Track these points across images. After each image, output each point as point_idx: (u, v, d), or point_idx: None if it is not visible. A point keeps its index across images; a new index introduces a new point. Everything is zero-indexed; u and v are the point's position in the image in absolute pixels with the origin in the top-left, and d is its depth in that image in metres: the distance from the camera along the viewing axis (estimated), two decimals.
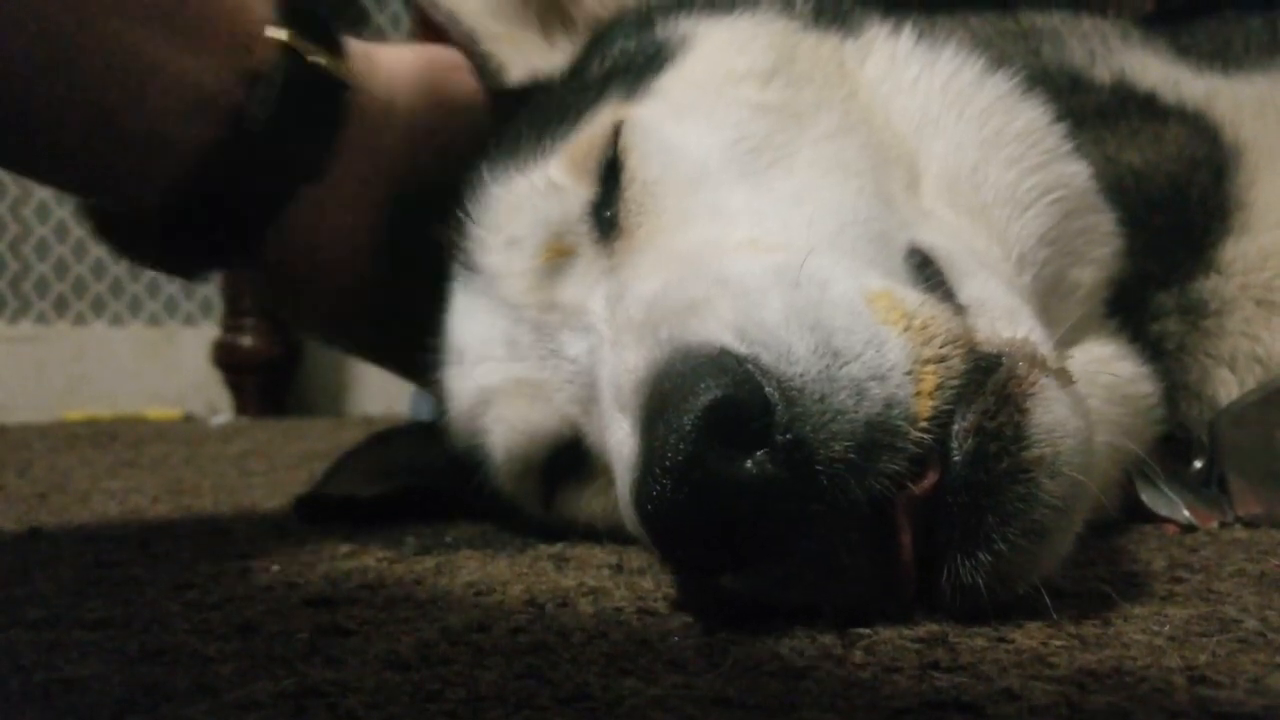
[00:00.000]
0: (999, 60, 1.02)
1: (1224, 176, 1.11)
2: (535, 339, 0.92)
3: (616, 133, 0.93)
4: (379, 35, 3.80)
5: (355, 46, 1.07)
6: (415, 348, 1.16)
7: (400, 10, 3.84)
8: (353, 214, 1.08)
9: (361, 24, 3.81)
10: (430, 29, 1.21)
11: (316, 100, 1.01)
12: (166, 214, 0.98)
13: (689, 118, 0.93)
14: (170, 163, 0.96)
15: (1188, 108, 1.16)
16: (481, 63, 1.17)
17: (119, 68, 0.91)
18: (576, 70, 1.10)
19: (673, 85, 0.97)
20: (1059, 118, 1.00)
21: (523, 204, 0.95)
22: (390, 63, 1.11)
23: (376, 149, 1.07)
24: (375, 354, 1.32)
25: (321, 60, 1.01)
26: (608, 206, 0.91)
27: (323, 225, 1.06)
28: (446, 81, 1.14)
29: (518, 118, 1.08)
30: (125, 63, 0.91)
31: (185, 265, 1.10)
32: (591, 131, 0.95)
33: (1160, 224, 1.08)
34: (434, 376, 1.02)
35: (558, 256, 0.92)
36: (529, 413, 0.93)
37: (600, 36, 1.12)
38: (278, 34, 0.98)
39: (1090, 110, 1.13)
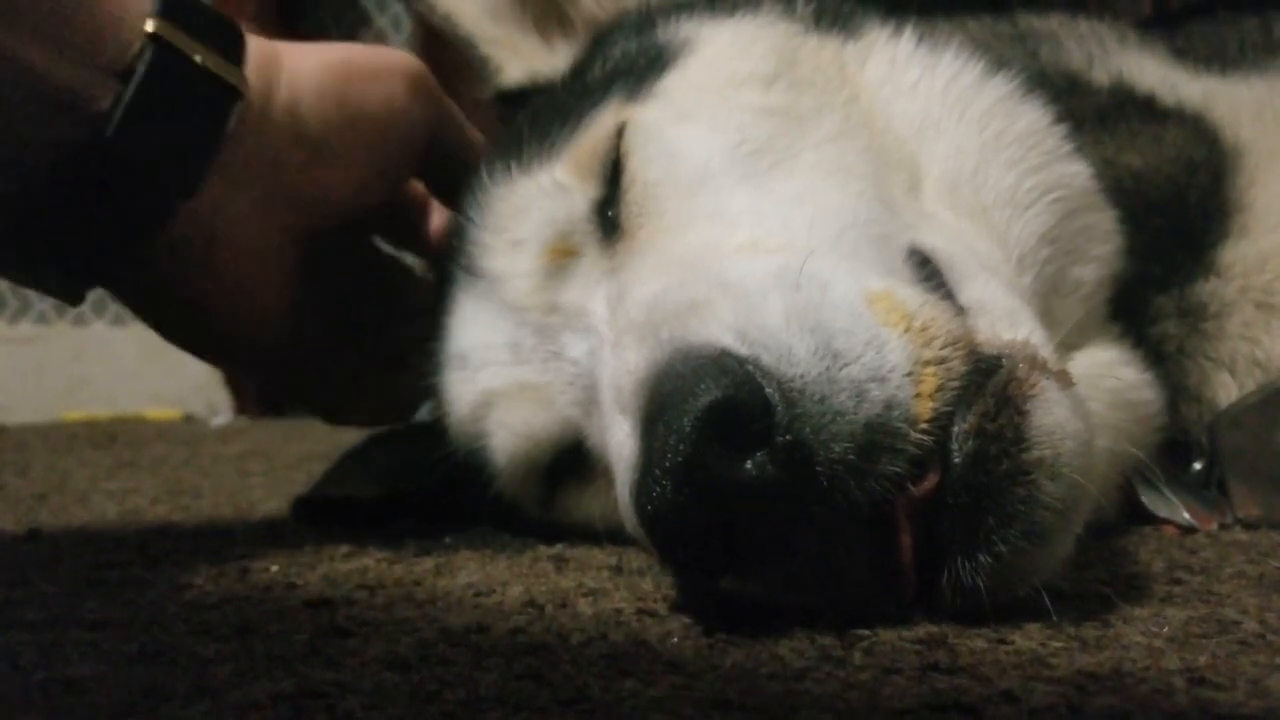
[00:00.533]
0: (998, 63, 1.03)
1: (1223, 179, 1.11)
2: (538, 342, 0.92)
3: (620, 134, 0.93)
4: (380, 38, 3.80)
5: (258, 47, 0.98)
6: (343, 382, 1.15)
7: (401, 13, 3.84)
8: (254, 234, 0.99)
9: (363, 26, 3.81)
10: (432, 31, 1.21)
11: (194, 104, 0.91)
12: (25, 219, 0.89)
13: (691, 121, 0.93)
14: (27, 164, 0.86)
15: (1186, 110, 1.16)
16: (480, 66, 1.17)
17: None
18: (578, 72, 1.10)
19: (675, 88, 0.97)
20: (1059, 120, 1.00)
21: (528, 205, 0.95)
22: (297, 67, 1.00)
23: (277, 163, 0.98)
24: (290, 387, 1.25)
25: (199, 58, 0.91)
26: (611, 207, 0.91)
27: (217, 245, 0.97)
28: (360, 91, 1.03)
29: (518, 120, 1.08)
30: None
31: (53, 280, 0.98)
32: (595, 133, 0.95)
33: (1160, 226, 1.08)
34: (433, 378, 1.02)
35: (562, 256, 0.92)
36: (532, 417, 0.93)
37: (601, 38, 1.12)
38: (151, 27, 0.88)
39: (1089, 113, 1.13)
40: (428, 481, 1.13)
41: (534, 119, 1.04)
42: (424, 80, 1.09)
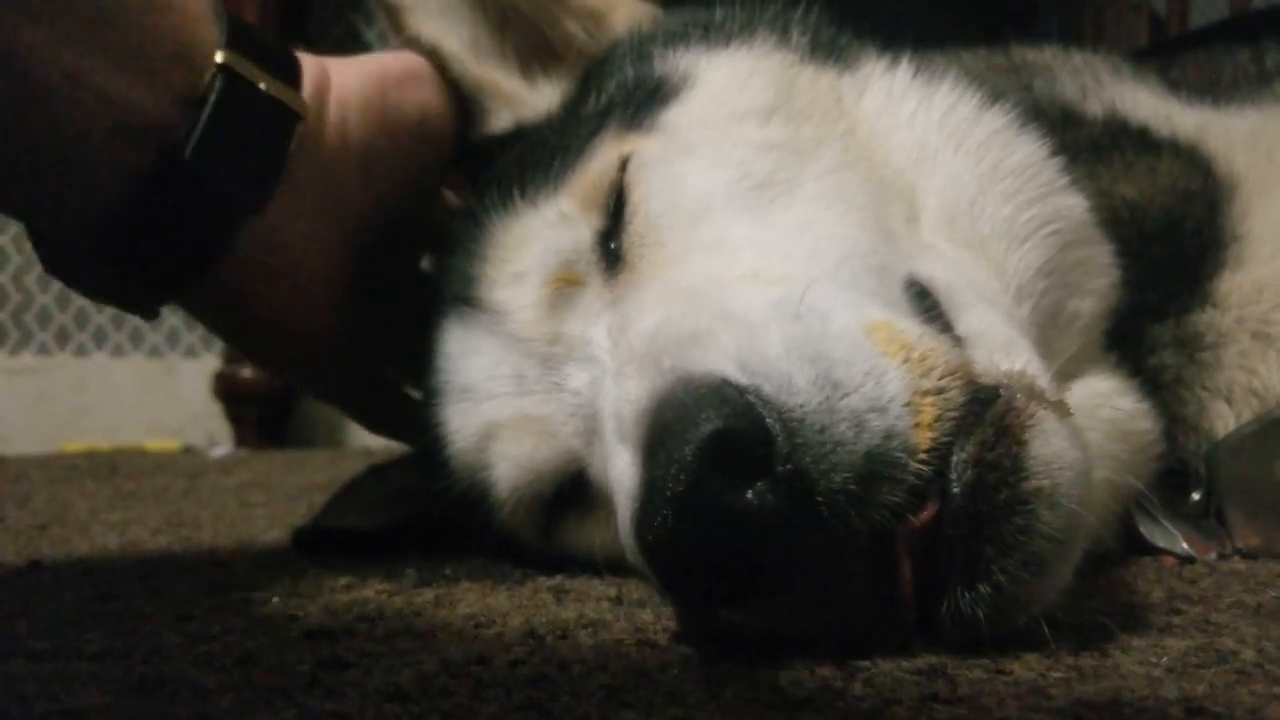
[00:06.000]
0: (994, 95, 1.03)
1: (1218, 209, 1.11)
2: (541, 373, 0.92)
3: (623, 166, 0.93)
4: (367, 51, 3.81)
5: (310, 68, 1.03)
6: (384, 391, 1.16)
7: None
8: (314, 249, 1.05)
9: (353, 41, 3.82)
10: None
11: (260, 128, 0.97)
12: (103, 242, 0.93)
13: (694, 154, 0.94)
14: (104, 189, 0.91)
15: (1180, 141, 1.17)
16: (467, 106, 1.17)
17: (41, 84, 0.85)
18: (573, 103, 1.10)
19: (678, 121, 0.98)
20: (1055, 152, 1.01)
21: (531, 236, 0.95)
22: (342, 83, 1.06)
23: (331, 180, 1.04)
24: (343, 398, 1.30)
25: (264, 85, 0.96)
26: (614, 238, 0.91)
27: (281, 260, 1.02)
28: (398, 99, 1.10)
29: (510, 155, 1.08)
30: (47, 79, 0.85)
31: (129, 297, 1.03)
32: (598, 165, 0.95)
33: (1155, 256, 1.08)
34: (433, 412, 1.02)
35: (566, 286, 0.92)
36: (534, 449, 0.93)
37: (594, 70, 1.12)
38: (221, 57, 0.93)
39: (1084, 144, 1.13)
40: (428, 512, 1.13)
41: (530, 151, 1.04)
42: (436, 77, 1.15)
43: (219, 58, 0.93)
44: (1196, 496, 1.05)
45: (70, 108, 0.86)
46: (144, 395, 3.68)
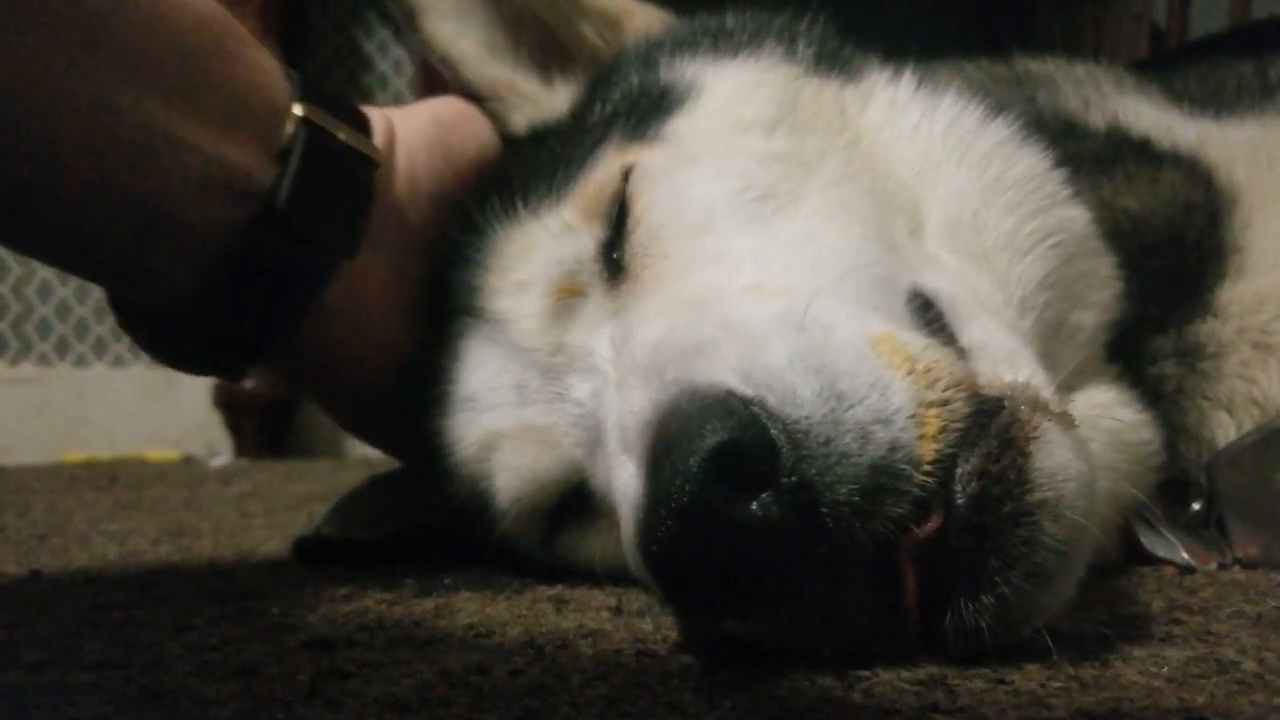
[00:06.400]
0: (997, 107, 1.03)
1: (1219, 221, 1.12)
2: (543, 383, 0.92)
3: (626, 177, 0.93)
4: (382, 82, 3.83)
5: (376, 119, 1.06)
6: None
7: (404, 57, 3.87)
8: (392, 292, 1.05)
9: (365, 70, 3.84)
10: (434, 75, 1.22)
11: (343, 177, 0.99)
12: (200, 299, 0.94)
13: (697, 166, 0.94)
14: (201, 244, 0.92)
15: (1181, 153, 1.17)
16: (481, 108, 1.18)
17: (140, 145, 0.86)
18: (579, 111, 1.10)
19: (682, 132, 0.98)
20: (1058, 164, 1.01)
21: (535, 246, 0.96)
22: (406, 132, 1.08)
23: (405, 223, 1.05)
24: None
25: (343, 135, 0.98)
26: (617, 249, 0.92)
27: (362, 306, 1.02)
28: (458, 138, 1.11)
29: (516, 161, 1.08)
30: (146, 140, 0.87)
31: (221, 357, 1.03)
32: (602, 175, 0.96)
33: (1157, 268, 1.08)
34: (436, 421, 1.02)
35: (569, 296, 0.93)
36: (536, 459, 0.93)
37: (601, 77, 1.12)
38: (301, 111, 0.96)
39: (1086, 156, 1.14)
40: (428, 522, 1.13)
41: (534, 159, 1.04)
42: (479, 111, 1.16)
43: (298, 111, 0.96)
44: (1197, 506, 1.05)
45: (170, 168, 0.88)
46: (144, 405, 3.68)
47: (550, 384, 0.91)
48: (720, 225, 0.89)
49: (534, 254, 0.95)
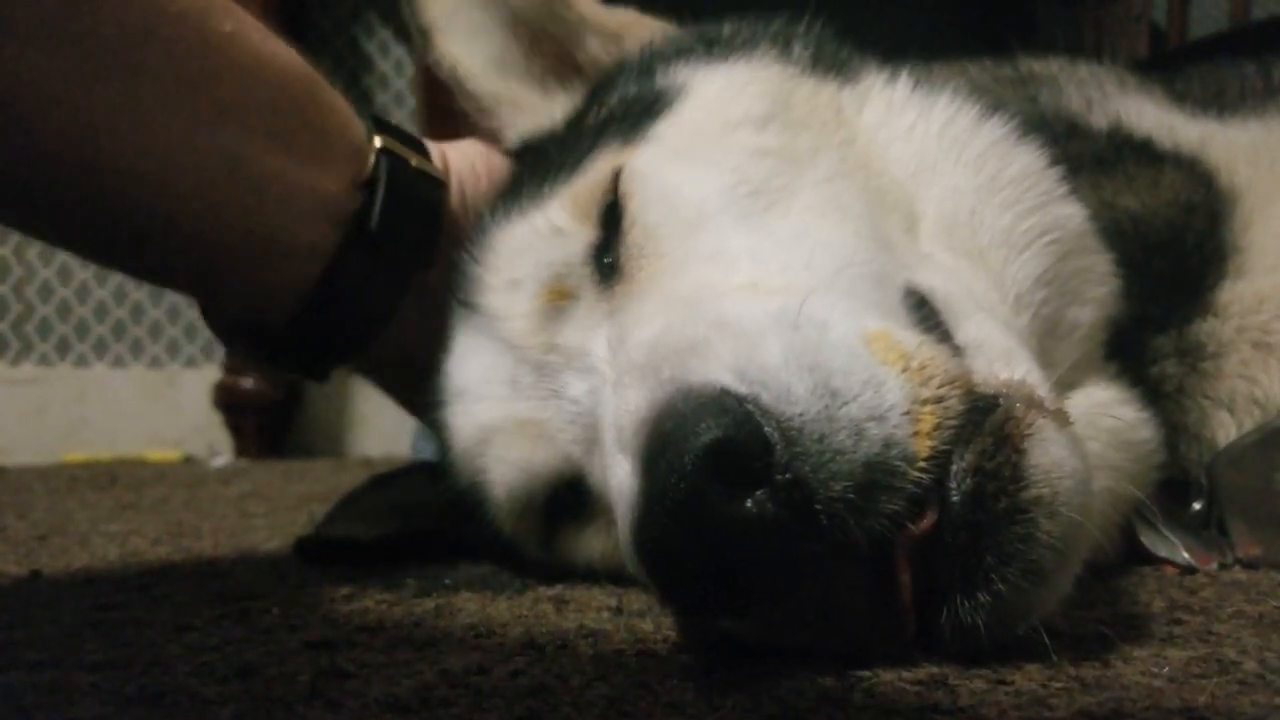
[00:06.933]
0: (995, 106, 1.03)
1: (1219, 221, 1.12)
2: (537, 379, 0.92)
3: (617, 178, 0.94)
4: (383, 82, 3.83)
5: (430, 147, 1.17)
6: None
7: (404, 57, 3.87)
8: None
9: (365, 70, 3.84)
10: (433, 76, 1.23)
11: (419, 199, 1.10)
12: (301, 316, 1.06)
13: (687, 162, 0.94)
14: (301, 267, 1.04)
15: (1183, 153, 1.17)
16: (485, 121, 1.20)
17: (253, 184, 0.99)
18: (576, 118, 1.11)
19: (670, 131, 0.98)
20: (1054, 162, 1.01)
21: (525, 247, 0.96)
22: (457, 158, 1.19)
23: (458, 239, 1.10)
24: None
25: (415, 162, 1.10)
26: (608, 251, 0.92)
27: (425, 313, 1.09)
28: (501, 164, 1.19)
29: (518, 165, 1.09)
30: (258, 179, 0.99)
31: (314, 364, 1.14)
32: (592, 177, 0.96)
33: (1158, 267, 1.08)
34: (435, 415, 1.02)
35: (559, 299, 0.93)
36: (530, 452, 0.93)
37: (600, 85, 1.13)
38: (380, 143, 1.08)
39: (1087, 156, 1.14)
40: (428, 521, 1.13)
41: (533, 163, 1.05)
42: None
43: (378, 143, 1.09)
44: (1198, 506, 1.05)
45: (280, 202, 1.02)
46: (144, 406, 3.68)
47: (543, 380, 0.91)
48: (714, 222, 0.89)
49: (525, 255, 0.96)
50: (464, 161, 1.19)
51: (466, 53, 1.20)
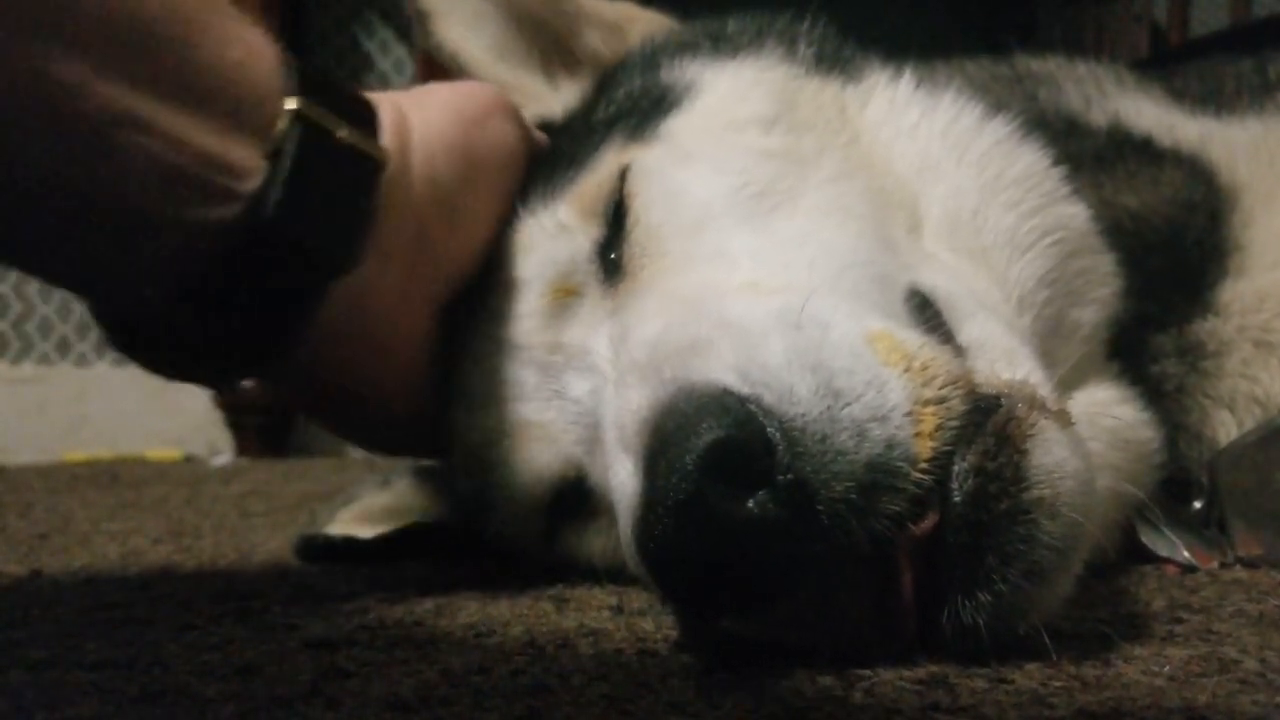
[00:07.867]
0: (997, 105, 1.03)
1: (1220, 219, 1.12)
2: (540, 380, 0.92)
3: (623, 176, 0.93)
4: (383, 82, 3.83)
5: (388, 113, 0.92)
6: None
7: (404, 56, 3.87)
8: (405, 309, 0.95)
9: (365, 69, 3.84)
10: (435, 74, 1.22)
11: (343, 180, 0.87)
12: (188, 310, 0.83)
13: (693, 163, 0.94)
14: (179, 249, 0.80)
15: (1183, 151, 1.17)
16: None
17: (93, 128, 0.74)
18: (583, 113, 1.10)
19: (678, 130, 0.98)
20: (1057, 161, 1.01)
21: (531, 245, 0.96)
22: (424, 127, 0.95)
23: (422, 232, 0.93)
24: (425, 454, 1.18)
25: (343, 134, 0.86)
26: (613, 248, 0.92)
27: (370, 321, 0.92)
28: (483, 139, 0.99)
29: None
30: (102, 122, 0.74)
31: (211, 369, 0.92)
32: (599, 174, 0.96)
33: (1158, 266, 1.08)
34: (439, 416, 1.02)
35: (565, 296, 0.93)
36: (534, 454, 0.93)
37: (606, 80, 1.13)
38: (294, 104, 0.83)
39: (1087, 154, 1.14)
40: (428, 520, 1.13)
41: (535, 159, 1.04)
42: (514, 108, 1.05)
43: (291, 104, 0.83)
44: (1198, 505, 1.05)
45: (129, 152, 0.75)
46: (145, 405, 3.68)
47: (547, 381, 0.91)
48: (718, 223, 0.89)
49: (530, 253, 0.96)
50: (435, 134, 0.95)
51: (465, 38, 1.17)
